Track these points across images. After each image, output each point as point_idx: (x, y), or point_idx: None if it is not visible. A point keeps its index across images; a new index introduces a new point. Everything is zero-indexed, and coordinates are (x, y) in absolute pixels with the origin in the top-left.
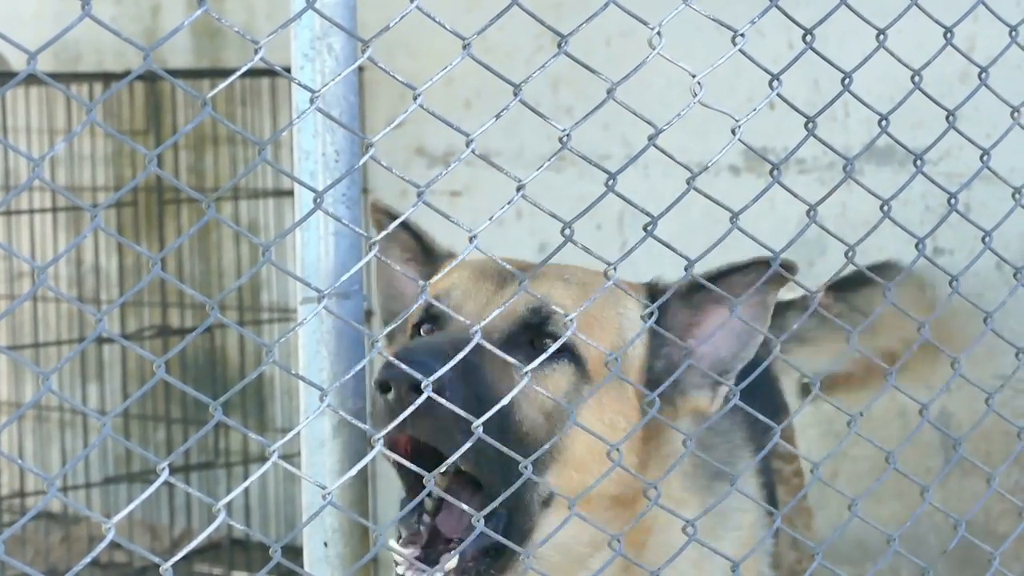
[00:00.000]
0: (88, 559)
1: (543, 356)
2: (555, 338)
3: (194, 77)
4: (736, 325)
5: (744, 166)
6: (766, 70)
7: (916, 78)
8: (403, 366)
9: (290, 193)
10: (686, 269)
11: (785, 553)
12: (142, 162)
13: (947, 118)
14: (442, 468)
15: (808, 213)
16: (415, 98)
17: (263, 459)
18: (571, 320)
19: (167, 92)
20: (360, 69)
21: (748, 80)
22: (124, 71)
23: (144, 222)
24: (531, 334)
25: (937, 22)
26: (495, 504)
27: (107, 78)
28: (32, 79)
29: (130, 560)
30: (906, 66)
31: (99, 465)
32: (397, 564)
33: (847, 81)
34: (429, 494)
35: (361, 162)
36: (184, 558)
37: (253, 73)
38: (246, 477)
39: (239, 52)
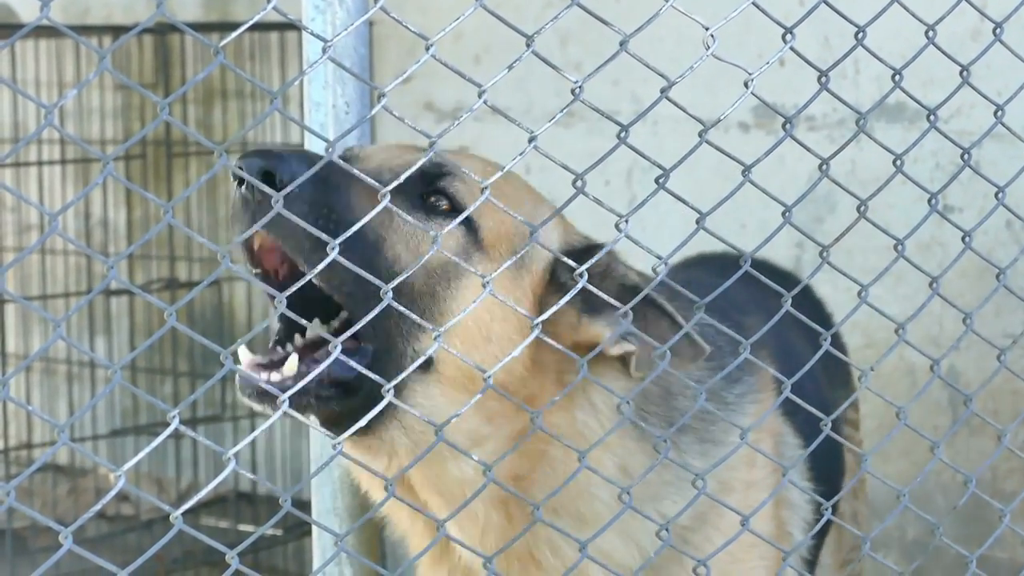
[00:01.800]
0: (98, 507)
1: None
2: (447, 196)
3: (203, 30)
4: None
5: (754, 123)
6: (779, 23)
7: (930, 33)
8: (259, 159)
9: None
10: (697, 223)
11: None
12: (151, 116)
13: (961, 73)
14: (296, 286)
15: (820, 167)
16: (427, 48)
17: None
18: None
19: (176, 46)
20: (370, 23)
21: (758, 36)
22: (133, 24)
23: (152, 175)
24: (425, 185)
25: None
26: (353, 330)
27: (116, 31)
28: (41, 31)
29: (136, 512)
30: (920, 20)
31: (106, 418)
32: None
33: (860, 35)
34: (287, 318)
35: (373, 111)
36: (190, 511)
37: (262, 27)
38: (253, 430)
39: (248, 6)
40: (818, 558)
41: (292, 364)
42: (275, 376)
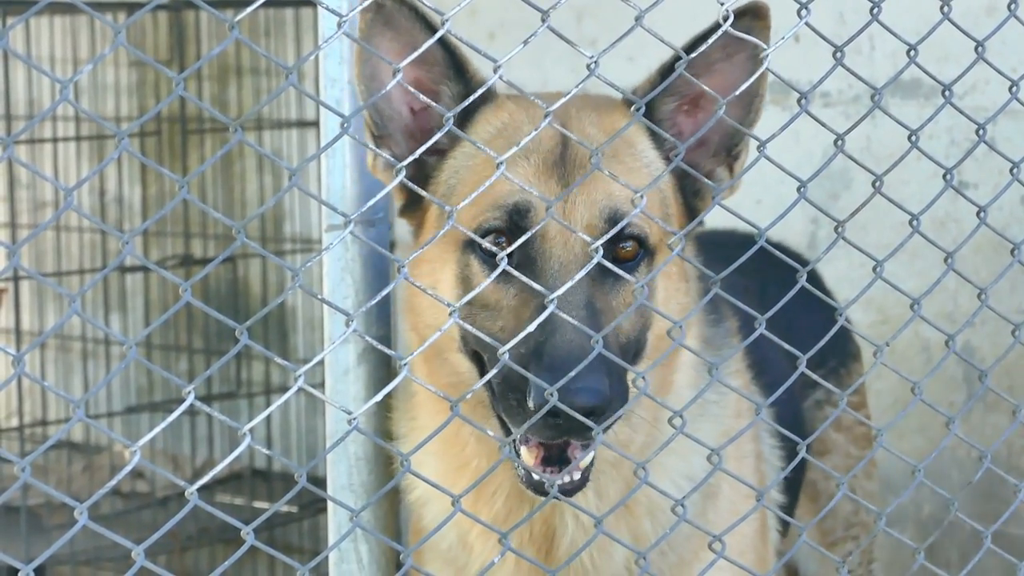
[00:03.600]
0: (113, 483)
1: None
2: (633, 237)
3: (218, 6)
4: (731, 86)
5: (769, 98)
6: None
7: (945, 8)
8: (586, 399)
9: (314, 124)
10: (713, 198)
11: (841, 505)
12: (165, 93)
13: (976, 49)
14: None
15: (836, 143)
16: (443, 24)
17: (285, 389)
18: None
19: (191, 22)
20: None
21: (773, 11)
22: (147, 0)
23: (167, 152)
24: (611, 240)
25: None
26: (614, 419)
27: (131, 7)
28: (56, 7)
29: (151, 489)
30: None
31: (121, 395)
32: (523, 469)
33: (875, 11)
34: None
35: (389, 87)
36: (205, 488)
37: (277, 3)
38: (268, 408)
39: None
40: (792, 515)
41: (588, 460)
42: (576, 475)
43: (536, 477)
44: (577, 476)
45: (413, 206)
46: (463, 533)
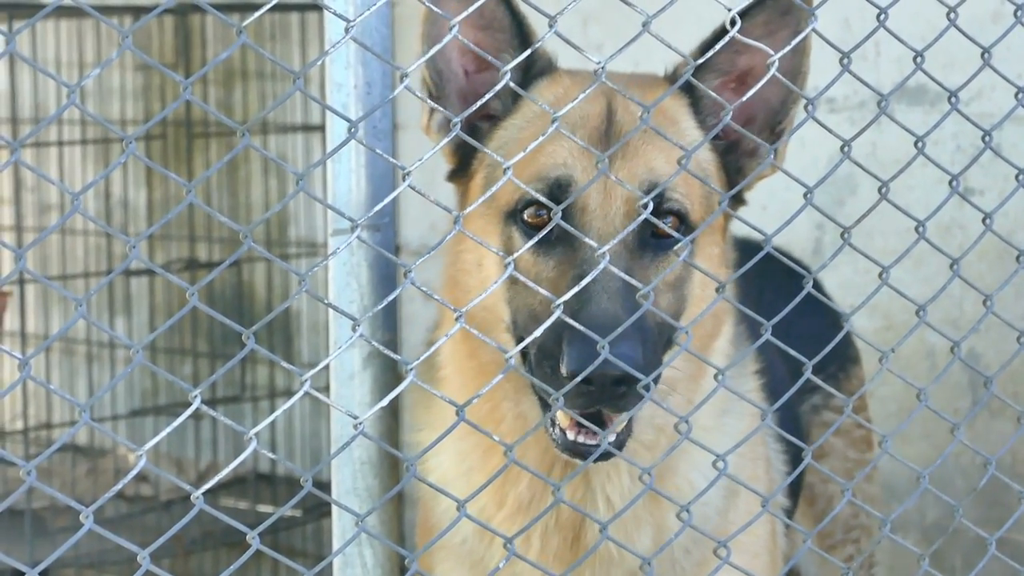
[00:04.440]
0: (119, 486)
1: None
2: (673, 212)
3: (224, 11)
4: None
5: None
6: (801, 5)
7: (951, 15)
8: (615, 361)
9: (319, 128)
10: (720, 204)
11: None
12: (171, 97)
13: (982, 55)
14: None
15: (842, 149)
16: (450, 29)
17: (289, 394)
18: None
19: (197, 26)
20: (392, 3)
21: None
22: (154, 5)
23: (173, 156)
24: (651, 214)
25: None
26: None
27: (137, 12)
28: (62, 12)
29: (156, 493)
30: (942, 2)
31: (125, 398)
32: (560, 431)
33: (882, 17)
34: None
35: (396, 92)
36: (209, 492)
37: (283, 7)
38: (272, 412)
39: None
40: (792, 515)
41: (623, 421)
42: (611, 437)
43: (571, 438)
44: (612, 438)
45: (461, 172)
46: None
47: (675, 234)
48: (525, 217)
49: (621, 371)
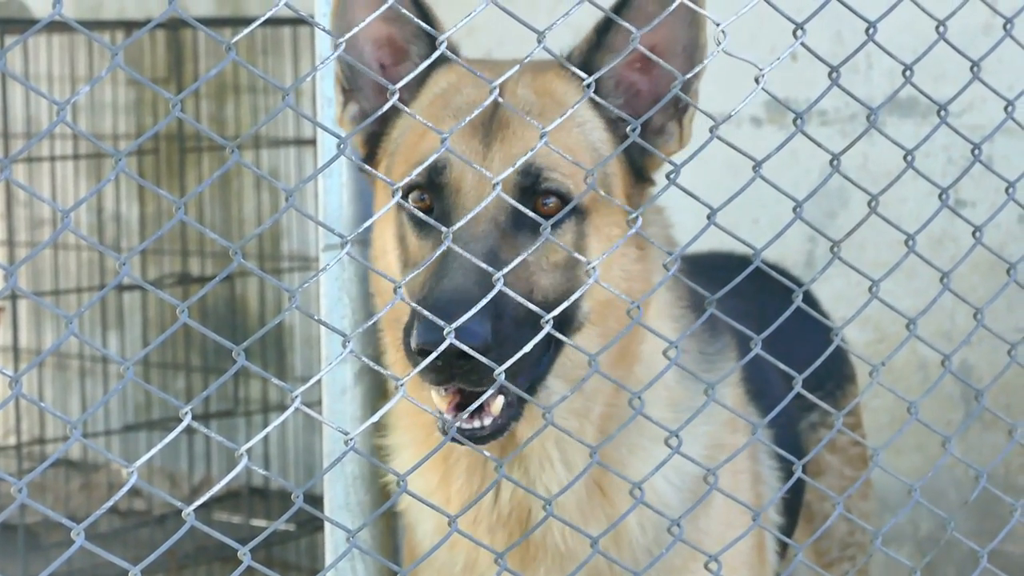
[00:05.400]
0: (111, 503)
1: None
2: (552, 192)
3: (216, 25)
4: (672, 39)
5: (766, 118)
6: (790, 19)
7: (941, 28)
8: (454, 341)
9: (311, 142)
10: (708, 218)
11: (836, 525)
12: (163, 111)
13: (972, 68)
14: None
15: (831, 162)
16: (438, 45)
17: (283, 408)
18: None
19: (189, 41)
20: None
21: (770, 31)
22: (146, 19)
23: (165, 170)
24: (528, 196)
25: None
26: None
27: (129, 26)
28: (54, 26)
29: (149, 508)
30: (931, 16)
31: (119, 413)
32: (442, 413)
33: (871, 31)
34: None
35: (385, 107)
36: (203, 506)
37: (275, 22)
38: (265, 426)
39: (261, 1)
40: (791, 536)
41: (498, 405)
42: (487, 420)
43: (447, 420)
44: (488, 422)
45: (371, 160)
46: (453, 542)
47: (538, 221)
48: (411, 202)
49: (459, 347)
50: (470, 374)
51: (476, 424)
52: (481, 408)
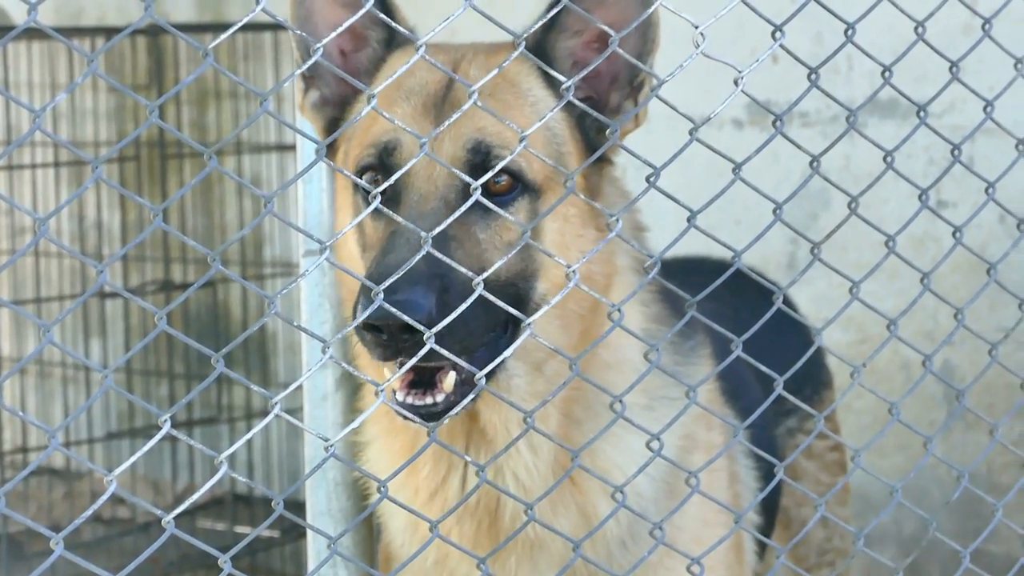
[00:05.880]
0: (90, 512)
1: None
2: (504, 170)
3: (197, 31)
4: (625, 18)
5: (747, 119)
6: (769, 21)
7: (920, 29)
8: (394, 311)
9: (293, 147)
10: (689, 220)
11: (814, 532)
12: (145, 117)
13: (951, 69)
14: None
15: (811, 164)
16: (417, 49)
17: (266, 414)
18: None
19: (169, 47)
20: None
21: (751, 33)
22: (126, 25)
23: (147, 177)
24: (479, 173)
25: None
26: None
27: (109, 33)
28: (34, 33)
29: (133, 516)
30: (910, 17)
31: (102, 421)
32: (395, 392)
33: (850, 32)
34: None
35: (364, 112)
36: (187, 513)
37: (255, 27)
38: (248, 432)
39: (242, 6)
40: (768, 535)
41: (450, 381)
42: (439, 397)
43: (400, 399)
44: (440, 399)
45: (331, 147)
46: (424, 536)
47: (484, 205)
48: (365, 181)
49: (401, 319)
50: (415, 347)
51: (428, 400)
52: (434, 385)
